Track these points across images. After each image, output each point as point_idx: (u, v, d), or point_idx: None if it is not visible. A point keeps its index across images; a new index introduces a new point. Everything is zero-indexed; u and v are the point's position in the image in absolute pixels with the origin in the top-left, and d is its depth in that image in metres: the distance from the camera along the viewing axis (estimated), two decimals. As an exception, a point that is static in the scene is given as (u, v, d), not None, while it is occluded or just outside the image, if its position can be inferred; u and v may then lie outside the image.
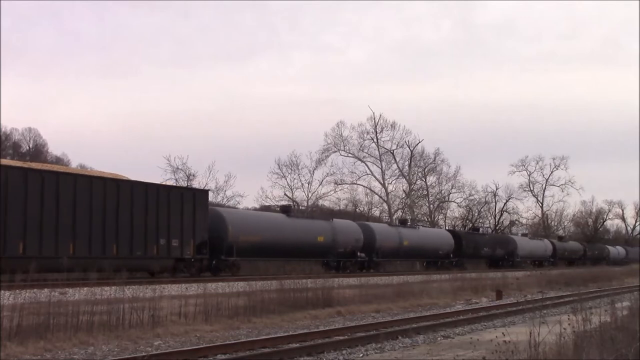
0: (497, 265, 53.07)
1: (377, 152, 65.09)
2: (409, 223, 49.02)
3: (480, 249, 52.09)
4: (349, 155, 64.31)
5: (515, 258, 55.60)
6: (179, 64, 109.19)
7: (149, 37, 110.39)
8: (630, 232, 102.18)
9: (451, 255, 47.28)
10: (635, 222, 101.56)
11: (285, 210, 36.01)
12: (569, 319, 9.34)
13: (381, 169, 65.21)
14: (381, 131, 65.08)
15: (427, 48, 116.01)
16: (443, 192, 70.20)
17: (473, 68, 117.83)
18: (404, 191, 66.57)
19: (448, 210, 72.26)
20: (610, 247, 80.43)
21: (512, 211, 79.11)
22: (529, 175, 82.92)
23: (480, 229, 58.67)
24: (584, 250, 72.98)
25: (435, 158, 67.93)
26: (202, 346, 11.86)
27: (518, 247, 57.03)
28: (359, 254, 37.52)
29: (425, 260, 47.49)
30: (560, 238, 72.40)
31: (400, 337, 13.75)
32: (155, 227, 25.26)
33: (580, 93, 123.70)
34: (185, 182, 49.02)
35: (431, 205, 68.47)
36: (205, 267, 28.11)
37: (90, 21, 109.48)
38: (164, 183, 47.81)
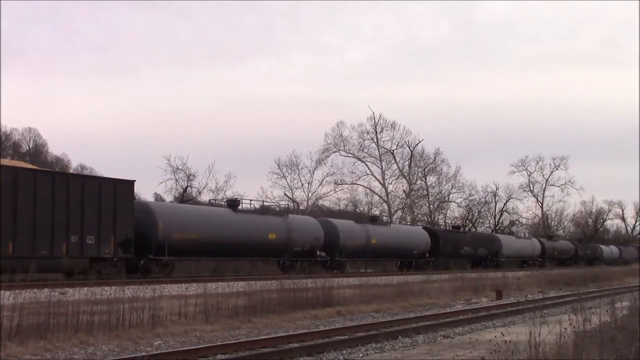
0: (480, 265, 50.64)
1: (377, 152, 65.23)
2: (383, 220, 46.86)
3: (460, 248, 49.00)
4: (349, 155, 64.44)
5: (500, 258, 52.96)
6: (179, 64, 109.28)
7: (149, 37, 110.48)
8: (630, 232, 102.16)
9: (427, 255, 44.33)
10: (635, 222, 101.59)
11: (231, 204, 32.39)
12: (569, 318, 9.35)
13: (381, 169, 65.30)
14: (381, 131, 65.23)
15: (427, 48, 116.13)
16: (443, 192, 70.33)
17: (473, 68, 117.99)
18: (404, 191, 66.63)
19: (448, 211, 72.34)
20: (603, 247, 77.71)
21: (512, 211, 79.21)
22: (529, 176, 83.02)
23: (461, 227, 55.45)
24: (576, 250, 70.25)
25: (435, 158, 68.07)
26: (202, 346, 11.86)
27: (503, 246, 54.23)
28: (318, 253, 34.32)
29: (399, 260, 44.38)
30: (550, 237, 69.05)
31: (400, 337, 13.75)
32: (65, 222, 22.43)
33: (580, 93, 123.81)
34: (185, 182, 49.11)
35: (431, 206, 68.48)
36: (130, 267, 24.98)
37: (90, 21, 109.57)
38: (164, 182, 47.81)
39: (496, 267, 49.84)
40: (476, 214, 74.60)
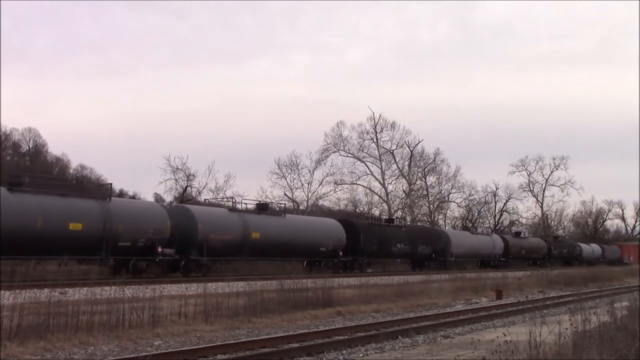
0: (423, 266, 44.43)
1: (377, 152, 65.30)
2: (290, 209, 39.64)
3: (391, 245, 40.64)
4: (349, 155, 64.48)
5: (448, 257, 45.92)
6: (179, 64, 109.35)
7: (148, 37, 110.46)
8: (630, 232, 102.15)
9: (341, 254, 36.07)
10: (635, 222, 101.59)
11: (14, 182, 23.52)
12: (569, 319, 9.35)
13: (381, 169, 65.32)
14: (381, 131, 65.29)
15: (427, 48, 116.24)
16: (443, 192, 70.36)
17: (473, 68, 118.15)
18: (404, 191, 66.63)
19: (448, 211, 72.37)
20: (583, 245, 72.70)
21: (512, 211, 79.24)
22: (528, 175, 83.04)
23: (396, 220, 46.51)
24: (549, 249, 63.55)
25: (435, 158, 68.13)
26: (202, 346, 11.86)
27: (452, 243, 46.72)
28: (161, 250, 26.31)
29: (305, 260, 35.30)
30: (517, 234, 63.08)
31: (400, 337, 13.75)
32: None
33: (580, 93, 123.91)
34: (185, 182, 49.09)
35: (431, 206, 68.50)
36: None
37: (90, 22, 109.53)
38: (164, 182, 47.52)
39: (443, 268, 43.68)
40: (476, 214, 74.63)
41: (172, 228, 27.04)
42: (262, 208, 34.07)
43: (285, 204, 45.06)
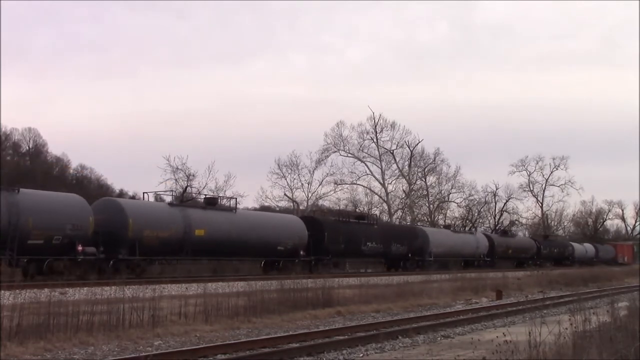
0: (398, 266, 41.44)
1: (377, 152, 65.30)
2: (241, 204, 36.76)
3: (361, 244, 37.48)
4: (349, 155, 64.49)
5: (427, 257, 43.12)
6: (179, 64, 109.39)
7: (148, 37, 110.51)
8: (630, 232, 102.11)
9: (301, 252, 33.02)
10: (635, 222, 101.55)
11: None
12: (569, 319, 9.35)
13: (381, 169, 65.34)
14: (381, 131, 65.29)
15: (427, 48, 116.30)
16: (443, 192, 70.35)
17: (473, 68, 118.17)
18: (404, 191, 66.64)
19: (448, 211, 72.35)
20: (576, 245, 71.12)
21: (512, 211, 79.22)
22: (528, 175, 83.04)
23: (366, 217, 43.15)
24: (538, 248, 60.83)
25: (435, 158, 68.12)
26: (202, 346, 11.86)
27: (431, 242, 43.72)
28: (81, 248, 23.32)
29: (263, 260, 32.77)
30: (505, 233, 61.21)
31: (400, 337, 13.75)
32: None
33: (580, 93, 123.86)
34: (185, 182, 49.09)
35: (431, 206, 68.50)
36: None
37: (90, 22, 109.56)
38: (164, 182, 47.37)
39: (421, 268, 41.36)
40: (476, 214, 74.64)
41: (97, 224, 24.14)
42: (210, 203, 31.18)
43: (238, 199, 42.35)
